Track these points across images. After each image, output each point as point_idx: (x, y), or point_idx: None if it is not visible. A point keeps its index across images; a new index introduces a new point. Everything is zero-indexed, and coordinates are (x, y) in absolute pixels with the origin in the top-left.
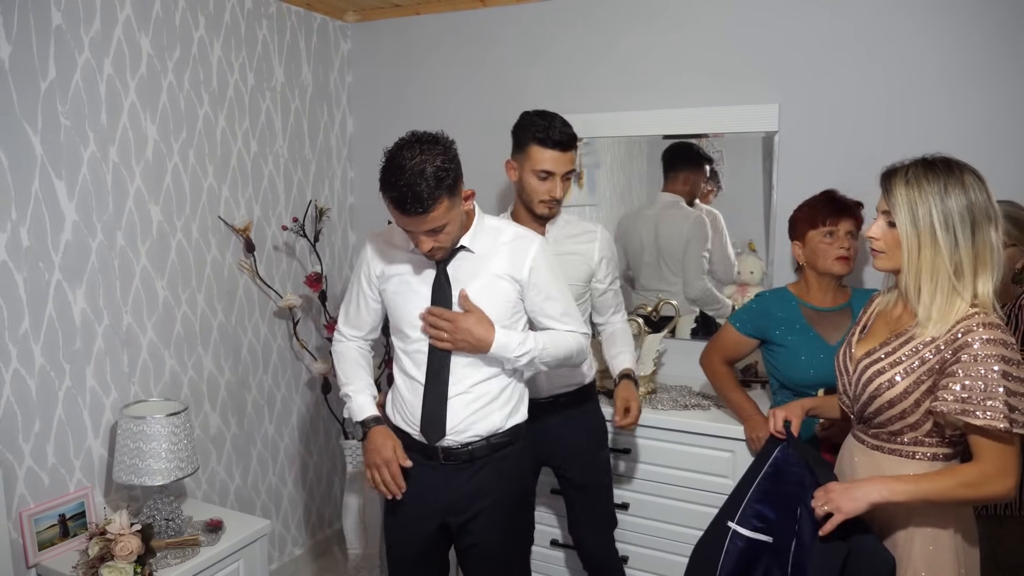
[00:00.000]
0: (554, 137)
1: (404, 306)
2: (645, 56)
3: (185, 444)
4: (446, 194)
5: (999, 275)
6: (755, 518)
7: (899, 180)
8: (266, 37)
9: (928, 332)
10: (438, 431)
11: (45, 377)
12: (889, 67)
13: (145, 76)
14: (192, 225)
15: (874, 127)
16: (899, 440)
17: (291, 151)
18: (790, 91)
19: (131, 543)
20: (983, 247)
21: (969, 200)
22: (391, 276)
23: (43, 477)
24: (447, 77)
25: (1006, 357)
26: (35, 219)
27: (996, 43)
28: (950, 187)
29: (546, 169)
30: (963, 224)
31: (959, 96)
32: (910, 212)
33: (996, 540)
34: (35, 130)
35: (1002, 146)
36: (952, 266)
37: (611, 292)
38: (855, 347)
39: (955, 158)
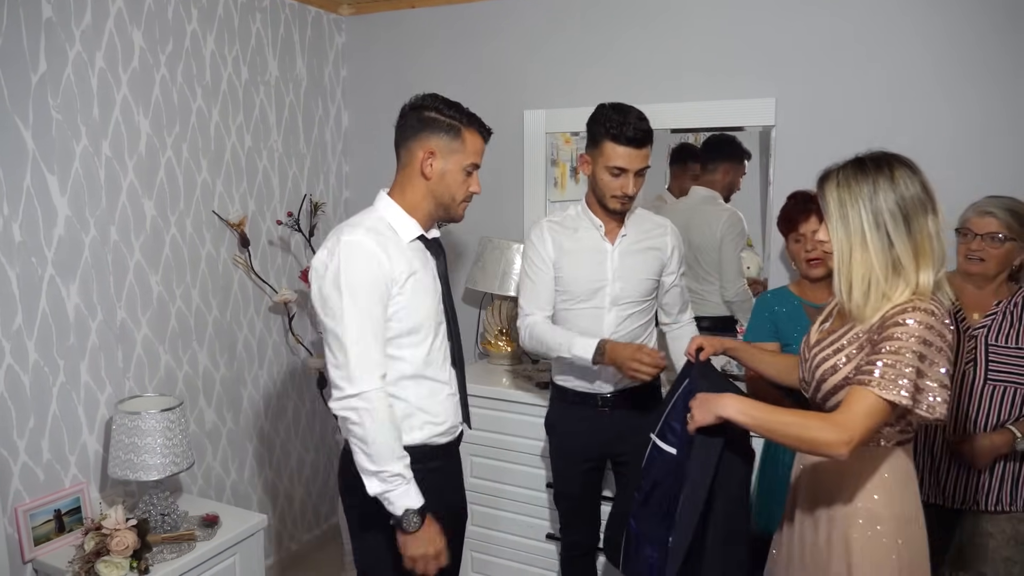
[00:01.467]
0: (627, 134)
1: (423, 307)
2: (643, 51)
3: (180, 439)
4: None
5: (941, 264)
6: (668, 432)
7: (831, 184)
8: (260, 30)
9: (867, 319)
10: (467, 417)
11: (39, 372)
12: (885, 63)
13: (137, 70)
14: (186, 220)
15: (870, 123)
16: None
17: (286, 145)
18: (787, 86)
19: (127, 538)
20: (922, 238)
21: (899, 195)
22: (410, 277)
23: (38, 473)
24: (443, 71)
25: (926, 339)
26: (27, 214)
27: (991, 40)
28: (879, 185)
29: (619, 166)
30: (895, 220)
31: (954, 93)
32: (839, 215)
33: (988, 536)
34: (26, 124)
35: (997, 142)
36: (888, 265)
37: (678, 288)
38: (812, 335)
39: (888, 152)
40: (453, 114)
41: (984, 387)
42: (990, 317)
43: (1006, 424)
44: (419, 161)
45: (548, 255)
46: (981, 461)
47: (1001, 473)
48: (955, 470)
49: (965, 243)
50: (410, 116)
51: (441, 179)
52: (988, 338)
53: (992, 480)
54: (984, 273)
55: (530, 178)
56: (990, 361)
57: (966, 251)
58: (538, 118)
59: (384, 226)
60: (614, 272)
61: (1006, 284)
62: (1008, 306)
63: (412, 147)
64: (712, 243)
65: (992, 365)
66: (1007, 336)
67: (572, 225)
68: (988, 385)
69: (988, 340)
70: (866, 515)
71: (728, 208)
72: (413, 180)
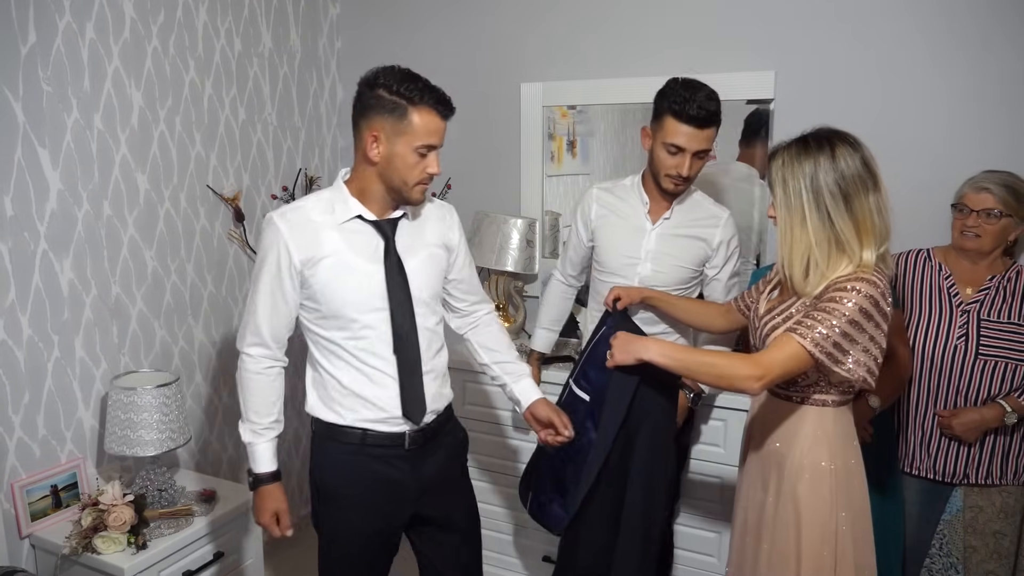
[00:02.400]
0: (690, 111)
1: (347, 290)
2: (640, 23)
3: (176, 415)
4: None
5: (884, 239)
6: (583, 378)
7: (776, 163)
8: (253, 2)
9: (809, 291)
10: (420, 408)
11: (33, 348)
12: (883, 37)
13: (129, 41)
14: (180, 194)
15: (867, 96)
16: (792, 389)
17: (280, 119)
18: (785, 59)
19: (124, 513)
20: (863, 215)
21: (840, 173)
22: (322, 259)
23: (34, 448)
24: (439, 43)
25: (863, 309)
26: (19, 188)
27: (985, 14)
28: (820, 163)
29: (677, 144)
30: (834, 199)
31: (950, 65)
32: (784, 192)
33: (978, 509)
34: (16, 96)
35: (992, 115)
36: (828, 242)
37: (721, 284)
38: (762, 305)
39: (831, 129)
40: (402, 91)
41: (976, 361)
42: (983, 292)
43: (996, 399)
44: (365, 144)
45: (589, 221)
46: (970, 435)
47: (991, 447)
48: (945, 444)
49: (961, 219)
50: (362, 93)
51: (389, 163)
52: (981, 313)
53: (982, 454)
54: (979, 249)
55: (527, 152)
56: (982, 336)
57: (962, 227)
58: (535, 91)
59: (324, 205)
60: (647, 252)
61: (1000, 259)
62: (1002, 281)
63: (360, 128)
64: (750, 223)
65: (984, 340)
66: (999, 311)
67: (622, 195)
68: (979, 360)
69: (980, 315)
70: (812, 471)
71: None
72: (361, 163)
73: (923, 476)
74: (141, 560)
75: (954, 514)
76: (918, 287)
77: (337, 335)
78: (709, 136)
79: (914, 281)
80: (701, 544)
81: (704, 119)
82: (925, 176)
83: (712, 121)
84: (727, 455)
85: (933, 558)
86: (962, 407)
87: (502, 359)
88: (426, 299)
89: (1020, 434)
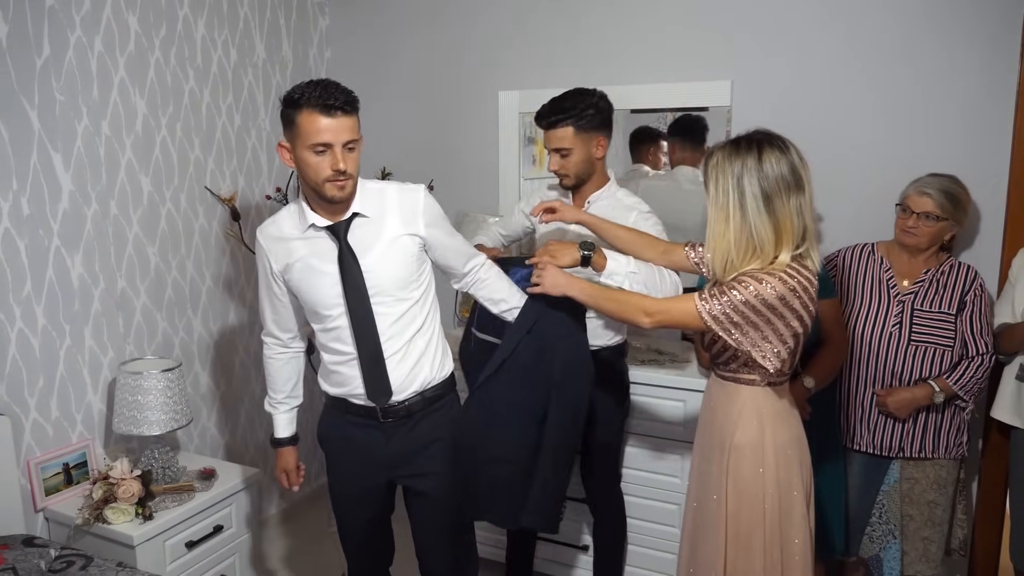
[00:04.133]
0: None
1: (312, 290)
2: (607, 33)
3: (179, 398)
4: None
5: (802, 238)
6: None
7: (711, 162)
8: (247, 14)
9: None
10: (386, 393)
11: (47, 336)
12: (828, 47)
13: (133, 53)
14: (180, 195)
15: (816, 101)
16: (729, 368)
17: (273, 125)
18: (742, 69)
19: (133, 487)
20: (783, 217)
21: (763, 176)
22: (292, 264)
23: (47, 429)
24: (421, 53)
25: (764, 299)
26: (34, 189)
27: (936, 24)
28: (747, 165)
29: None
30: (756, 201)
31: (895, 73)
32: (714, 191)
33: (914, 480)
34: (32, 105)
35: (938, 122)
36: (745, 243)
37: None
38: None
39: (763, 132)
40: (291, 99)
41: (908, 347)
42: (918, 284)
43: (927, 380)
44: (284, 158)
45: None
46: (903, 412)
47: (924, 424)
48: (883, 421)
49: (903, 218)
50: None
51: (300, 170)
52: (915, 303)
53: (916, 430)
54: (917, 246)
55: (504, 155)
56: (914, 324)
57: (903, 225)
58: (512, 99)
59: (294, 218)
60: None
61: (936, 255)
62: (936, 274)
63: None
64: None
65: (916, 327)
66: (932, 302)
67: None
68: (912, 345)
69: (915, 305)
70: (746, 445)
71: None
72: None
73: (863, 451)
74: (148, 529)
75: (892, 485)
76: (860, 278)
77: (318, 326)
78: (562, 136)
79: (857, 272)
80: (660, 515)
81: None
82: (868, 175)
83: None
84: (686, 432)
85: (873, 526)
86: (896, 387)
87: (509, 307)
88: (391, 289)
89: (950, 412)
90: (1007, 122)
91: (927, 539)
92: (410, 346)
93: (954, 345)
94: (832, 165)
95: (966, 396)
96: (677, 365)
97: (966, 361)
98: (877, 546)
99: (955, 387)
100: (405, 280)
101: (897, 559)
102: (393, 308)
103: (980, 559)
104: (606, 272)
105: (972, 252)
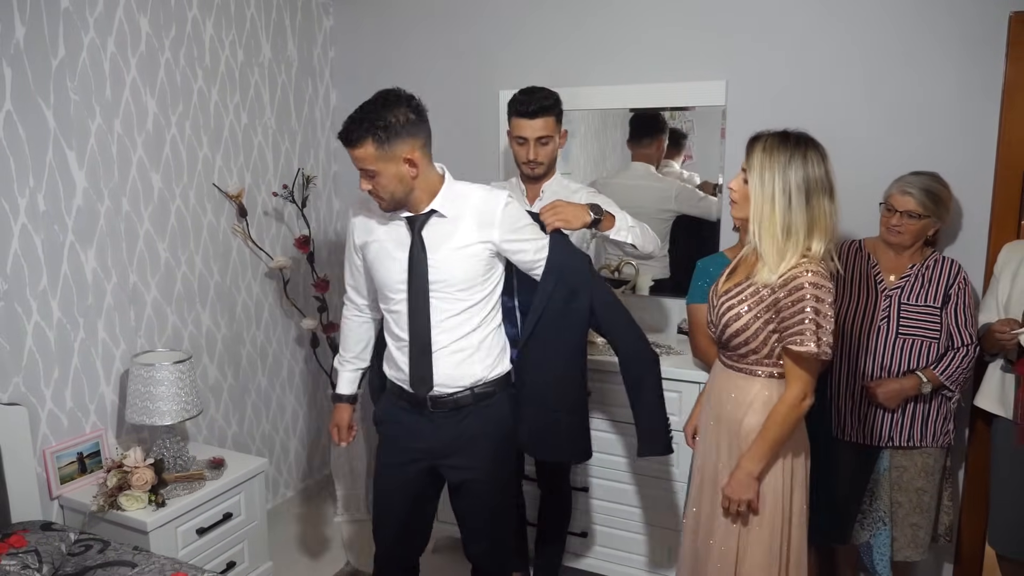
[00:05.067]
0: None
1: (382, 271)
2: (606, 33)
3: (189, 389)
4: (372, 139)
5: (831, 237)
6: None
7: (758, 146)
8: (254, 15)
9: (765, 276)
10: (426, 384)
11: (62, 329)
12: (821, 49)
13: (144, 54)
14: (189, 192)
15: (808, 102)
16: (746, 361)
17: (279, 122)
18: (736, 69)
19: (146, 475)
20: (818, 213)
21: (807, 173)
22: (371, 243)
23: (62, 419)
24: (424, 53)
25: (818, 296)
26: (50, 186)
27: (925, 27)
28: (794, 160)
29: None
30: (799, 193)
31: (885, 75)
32: (760, 174)
33: (902, 468)
34: (48, 104)
35: (928, 120)
36: (784, 226)
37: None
38: (720, 286)
39: (808, 135)
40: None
41: (896, 340)
42: (904, 279)
43: (915, 371)
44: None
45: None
46: (891, 402)
47: (912, 413)
48: (873, 412)
49: (887, 216)
50: None
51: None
52: (901, 298)
53: (904, 419)
54: (901, 243)
55: (506, 153)
56: (902, 317)
57: (887, 224)
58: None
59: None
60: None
61: (920, 250)
62: (920, 269)
63: None
64: (660, 215)
65: (903, 321)
66: (918, 296)
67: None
68: (899, 338)
69: (901, 299)
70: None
71: (671, 180)
72: None
73: (854, 441)
74: (160, 516)
75: (881, 473)
76: (849, 274)
77: (384, 306)
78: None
79: (846, 269)
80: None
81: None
82: (859, 172)
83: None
84: (683, 421)
85: (864, 513)
86: (885, 378)
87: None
88: (452, 287)
89: (937, 403)
90: (993, 120)
91: (915, 525)
92: (463, 342)
93: (940, 337)
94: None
95: (952, 386)
96: (671, 357)
97: (951, 352)
98: (867, 533)
99: (942, 377)
100: (468, 282)
101: (887, 545)
102: (451, 304)
103: (966, 544)
104: (615, 229)
105: (959, 248)
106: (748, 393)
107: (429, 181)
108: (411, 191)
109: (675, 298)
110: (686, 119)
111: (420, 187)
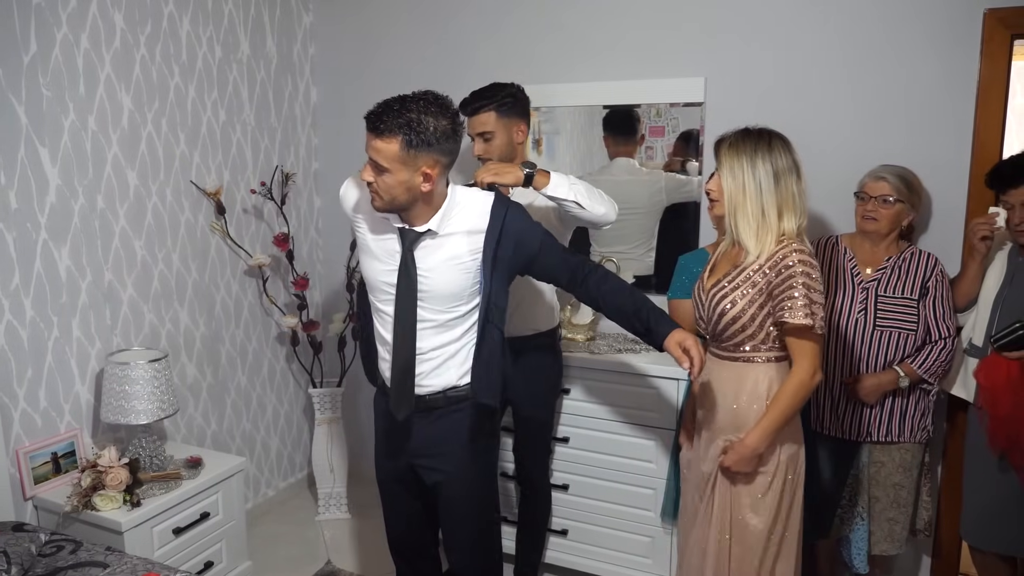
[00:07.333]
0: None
1: (367, 267)
2: (585, 30)
3: (166, 388)
4: (402, 138)
5: (802, 215)
6: None
7: (724, 146)
8: (232, 11)
9: (752, 260)
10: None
11: (35, 328)
12: (797, 46)
13: (119, 50)
14: (166, 189)
15: (784, 100)
16: (742, 349)
17: (258, 120)
18: (715, 66)
19: (120, 474)
20: (786, 194)
21: (773, 160)
22: (359, 223)
23: (36, 419)
24: (406, 49)
25: (808, 274)
26: (22, 183)
27: (903, 24)
28: (759, 150)
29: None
30: (767, 178)
31: (858, 74)
32: (730, 169)
33: (880, 464)
34: (19, 100)
35: (905, 117)
36: (757, 209)
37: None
38: (706, 281)
39: (769, 128)
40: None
41: (874, 332)
42: (881, 271)
43: (892, 365)
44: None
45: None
46: (870, 397)
47: (890, 408)
48: (851, 407)
49: (862, 205)
50: None
51: None
52: (878, 290)
53: (882, 414)
54: (877, 231)
55: None
56: (879, 310)
57: (862, 212)
58: None
59: None
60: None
61: (896, 242)
62: (897, 261)
63: None
64: (653, 207)
65: (880, 313)
66: (894, 288)
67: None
68: (876, 331)
69: (878, 291)
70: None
71: (657, 171)
72: None
73: (833, 436)
74: (136, 516)
75: (860, 468)
76: (827, 268)
77: (371, 296)
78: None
79: (824, 263)
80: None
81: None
82: (836, 169)
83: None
84: (662, 419)
85: (843, 507)
86: (863, 373)
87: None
88: (439, 299)
89: (915, 397)
90: (969, 116)
91: (892, 520)
92: (442, 349)
93: (917, 330)
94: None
95: (931, 379)
96: (652, 353)
97: (929, 345)
98: (846, 527)
99: (919, 371)
100: (455, 295)
101: (865, 539)
102: (437, 316)
103: (944, 539)
104: (551, 186)
105: (935, 242)
106: (751, 382)
107: (435, 198)
108: (414, 203)
109: (657, 295)
110: (671, 116)
111: (424, 201)
